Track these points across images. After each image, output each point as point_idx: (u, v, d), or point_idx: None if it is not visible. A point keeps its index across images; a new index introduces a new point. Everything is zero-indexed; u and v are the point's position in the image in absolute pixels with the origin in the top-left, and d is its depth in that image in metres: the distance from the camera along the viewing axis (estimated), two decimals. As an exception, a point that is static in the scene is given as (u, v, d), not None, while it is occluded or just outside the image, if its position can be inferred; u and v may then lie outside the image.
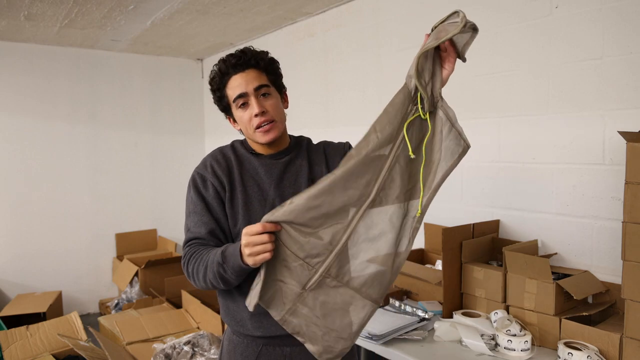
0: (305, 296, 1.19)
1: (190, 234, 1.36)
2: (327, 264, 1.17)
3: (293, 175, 1.41)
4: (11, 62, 4.29)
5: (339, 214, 1.14)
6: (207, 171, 1.39)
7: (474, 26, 1.09)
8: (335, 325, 1.20)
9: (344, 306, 1.20)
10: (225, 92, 1.38)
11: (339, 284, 1.19)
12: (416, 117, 1.15)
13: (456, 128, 1.14)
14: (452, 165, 1.15)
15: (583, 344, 1.71)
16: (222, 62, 1.38)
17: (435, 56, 1.14)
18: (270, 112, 1.36)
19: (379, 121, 1.13)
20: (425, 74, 1.12)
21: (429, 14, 2.71)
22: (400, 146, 1.15)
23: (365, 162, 1.12)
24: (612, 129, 1.96)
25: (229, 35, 4.15)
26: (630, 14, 1.90)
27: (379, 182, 1.15)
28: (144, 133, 4.94)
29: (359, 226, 1.16)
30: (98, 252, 4.73)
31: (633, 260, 1.54)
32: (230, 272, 1.20)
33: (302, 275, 1.17)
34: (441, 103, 1.15)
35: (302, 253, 1.15)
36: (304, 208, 1.11)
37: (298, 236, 1.14)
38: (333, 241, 1.15)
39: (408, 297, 2.40)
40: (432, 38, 1.10)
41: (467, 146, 1.15)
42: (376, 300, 1.21)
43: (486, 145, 2.45)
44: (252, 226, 1.12)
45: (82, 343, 2.82)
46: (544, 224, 2.21)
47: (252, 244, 1.11)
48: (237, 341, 1.40)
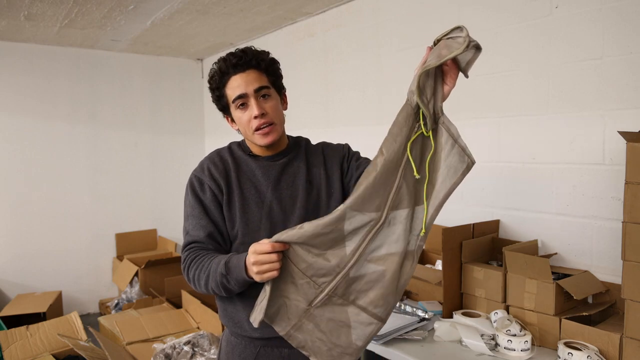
0: (312, 312, 1.19)
1: (189, 237, 1.37)
2: (333, 285, 1.17)
3: (291, 177, 1.41)
4: (11, 62, 4.29)
5: (350, 238, 1.15)
6: (204, 174, 1.39)
7: (478, 45, 1.07)
8: (340, 341, 1.20)
9: (349, 323, 1.20)
10: (224, 91, 1.37)
11: (346, 302, 1.19)
12: (419, 135, 1.14)
13: (459, 144, 1.12)
14: (455, 182, 1.13)
15: (583, 344, 1.71)
16: (222, 61, 1.36)
17: (437, 71, 1.13)
18: (270, 114, 1.35)
19: (385, 143, 1.13)
20: (427, 91, 1.11)
21: (429, 14, 2.71)
22: (406, 165, 1.14)
23: (375, 186, 1.12)
24: (612, 129, 1.96)
25: (229, 35, 4.15)
26: (630, 14, 1.90)
27: (388, 205, 1.14)
28: (144, 133, 4.94)
29: (368, 248, 1.16)
30: (98, 252, 4.73)
31: (633, 260, 1.54)
32: (233, 283, 1.21)
33: (309, 293, 1.17)
34: (443, 119, 1.14)
35: (309, 271, 1.16)
36: (312, 235, 1.12)
37: (306, 255, 1.14)
38: (341, 264, 1.16)
39: (408, 297, 2.40)
40: (434, 55, 1.08)
41: (472, 162, 1.13)
42: (381, 319, 1.21)
43: (486, 145, 2.45)
44: (261, 245, 1.13)
45: (82, 343, 2.82)
46: (544, 224, 2.21)
47: (260, 263, 1.12)
48: (235, 342, 1.40)
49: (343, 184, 1.44)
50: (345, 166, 1.46)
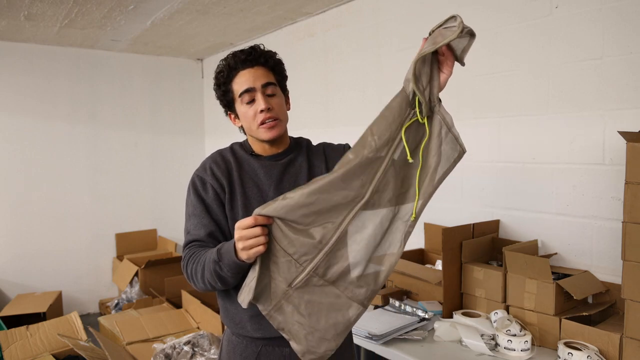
0: (291, 294, 1.18)
1: (190, 237, 1.37)
2: (315, 263, 1.16)
3: (292, 176, 1.41)
4: (11, 62, 4.29)
5: (331, 214, 1.14)
6: (206, 174, 1.39)
7: (471, 31, 1.09)
8: (319, 325, 1.19)
9: (329, 306, 1.19)
10: (231, 86, 1.38)
11: (326, 283, 1.18)
12: (414, 121, 1.14)
13: (452, 133, 1.14)
14: (447, 169, 1.15)
15: (583, 344, 1.71)
16: (231, 57, 1.38)
17: (433, 60, 1.14)
18: (276, 110, 1.37)
19: (376, 124, 1.13)
20: (422, 79, 1.12)
21: (429, 14, 2.71)
22: (396, 149, 1.14)
23: (362, 164, 1.12)
24: (612, 129, 1.96)
25: (229, 35, 4.15)
26: (630, 14, 1.90)
27: (373, 185, 1.14)
28: (144, 133, 4.94)
29: (350, 227, 1.16)
30: (98, 252, 4.73)
31: (633, 260, 1.54)
32: (226, 270, 1.20)
33: (289, 272, 1.16)
34: (438, 107, 1.15)
35: (291, 249, 1.15)
36: (296, 205, 1.11)
37: (289, 232, 1.14)
38: (323, 240, 1.15)
39: (408, 297, 2.40)
40: (429, 43, 1.09)
41: (463, 151, 1.15)
42: (362, 302, 1.20)
43: (486, 145, 2.45)
44: (244, 220, 1.12)
45: (82, 343, 2.82)
46: (544, 224, 2.21)
47: (245, 238, 1.11)
48: (236, 342, 1.41)
49: None
50: None
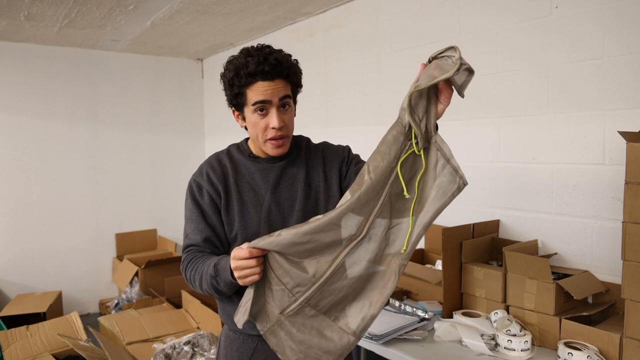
0: (282, 321, 1.19)
1: (188, 241, 1.40)
2: (307, 295, 1.17)
3: (289, 180, 1.41)
4: (11, 62, 4.29)
5: (325, 250, 1.15)
6: (202, 178, 1.40)
7: (470, 68, 1.06)
8: (311, 352, 1.19)
9: (320, 337, 1.19)
10: (245, 91, 1.33)
11: (318, 313, 1.19)
12: (410, 153, 1.13)
13: (452, 164, 1.10)
14: (444, 203, 1.11)
15: (583, 344, 1.71)
16: (253, 64, 1.29)
17: (430, 90, 1.11)
18: (287, 127, 1.36)
19: (372, 160, 1.12)
20: (418, 110, 1.10)
21: (429, 14, 2.71)
22: (393, 184, 1.13)
23: (359, 204, 1.12)
24: (612, 129, 1.96)
25: (229, 35, 4.15)
26: (630, 14, 1.90)
27: (369, 222, 1.14)
28: (144, 133, 4.94)
29: (345, 262, 1.16)
30: (98, 252, 4.73)
31: (633, 260, 1.54)
32: (222, 285, 1.24)
33: (282, 301, 1.18)
34: (435, 138, 1.12)
35: (285, 278, 1.16)
36: (290, 243, 1.12)
37: (284, 262, 1.15)
38: (316, 274, 1.15)
39: (408, 297, 2.40)
40: (426, 75, 1.08)
41: (464, 184, 1.10)
42: (355, 333, 1.19)
43: (486, 145, 2.45)
44: (239, 250, 1.15)
45: (82, 343, 2.82)
46: (544, 224, 2.21)
47: (240, 268, 1.15)
48: (233, 337, 1.43)
49: (341, 187, 1.45)
50: (344, 170, 1.46)
